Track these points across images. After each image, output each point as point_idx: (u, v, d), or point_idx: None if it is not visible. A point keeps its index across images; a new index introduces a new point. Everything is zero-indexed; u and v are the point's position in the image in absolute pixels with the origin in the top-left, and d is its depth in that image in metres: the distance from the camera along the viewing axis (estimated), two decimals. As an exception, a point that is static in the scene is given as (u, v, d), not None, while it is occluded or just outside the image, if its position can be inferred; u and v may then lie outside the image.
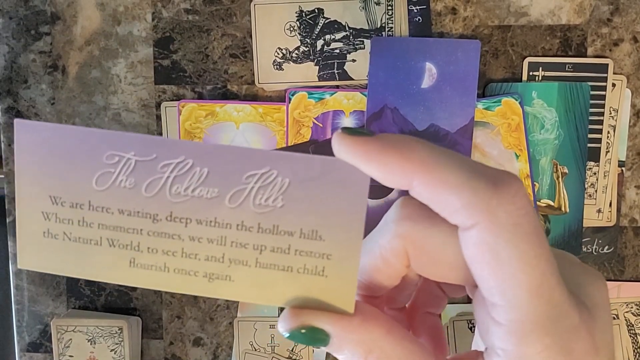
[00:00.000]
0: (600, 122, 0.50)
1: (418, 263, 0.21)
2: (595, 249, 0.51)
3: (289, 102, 0.50)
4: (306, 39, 0.51)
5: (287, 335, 0.20)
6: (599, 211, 0.51)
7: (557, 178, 0.50)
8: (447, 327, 0.51)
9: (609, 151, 0.50)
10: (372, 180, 0.20)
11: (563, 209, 0.50)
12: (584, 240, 0.51)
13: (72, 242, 0.21)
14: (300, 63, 0.51)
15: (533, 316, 0.18)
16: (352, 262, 0.20)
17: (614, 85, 0.49)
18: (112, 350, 0.53)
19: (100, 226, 0.20)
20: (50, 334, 0.54)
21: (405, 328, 0.25)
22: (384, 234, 0.21)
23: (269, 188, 0.20)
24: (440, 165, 0.18)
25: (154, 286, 0.21)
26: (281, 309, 0.50)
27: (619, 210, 0.51)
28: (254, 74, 0.51)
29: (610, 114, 0.50)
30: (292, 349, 0.54)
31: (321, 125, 0.50)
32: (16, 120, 0.20)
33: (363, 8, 0.50)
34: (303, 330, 0.20)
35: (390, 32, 0.50)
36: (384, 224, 0.21)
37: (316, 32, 0.51)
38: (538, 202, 0.50)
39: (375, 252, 0.21)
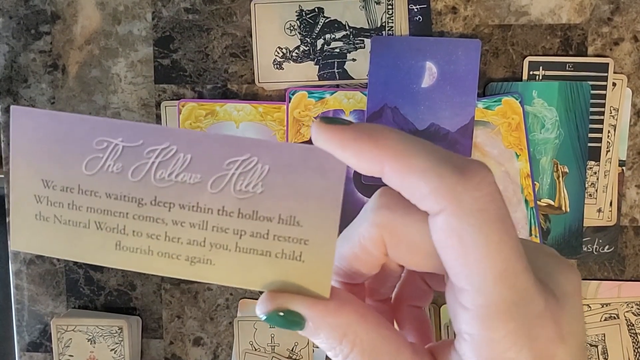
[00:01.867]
0: (601, 122, 0.50)
1: (395, 251, 0.21)
2: (596, 248, 0.51)
3: (289, 102, 0.50)
4: (306, 38, 0.51)
5: (265, 317, 0.20)
6: (599, 211, 0.50)
7: (558, 177, 0.50)
8: (447, 326, 0.51)
9: (609, 150, 0.50)
10: (374, 179, 0.20)
11: (563, 208, 0.50)
12: (584, 239, 0.51)
13: (62, 225, 0.21)
14: (300, 62, 0.51)
15: (497, 301, 0.18)
16: (329, 248, 0.20)
17: (614, 84, 0.49)
18: (112, 350, 0.53)
19: (89, 209, 0.21)
20: (50, 333, 0.54)
21: (389, 319, 0.25)
22: (363, 223, 0.21)
23: (249, 174, 0.20)
24: (410, 152, 0.19)
25: (139, 268, 0.21)
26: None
27: (619, 209, 0.51)
28: (254, 73, 0.51)
29: (611, 113, 0.50)
30: (292, 348, 0.54)
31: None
32: (12, 107, 0.21)
33: (363, 7, 0.50)
34: (280, 314, 0.20)
35: (390, 32, 0.50)
36: (363, 213, 0.22)
37: (316, 32, 0.51)
38: (538, 202, 0.50)
39: (354, 240, 0.22)
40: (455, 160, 0.19)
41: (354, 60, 0.50)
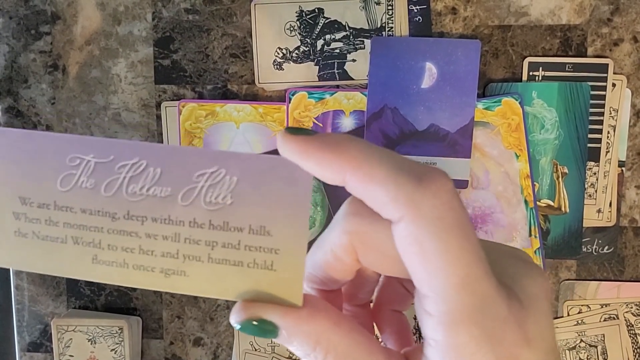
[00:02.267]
0: (601, 122, 0.50)
1: (365, 257, 0.21)
2: (595, 249, 0.51)
3: (289, 102, 0.50)
4: (306, 39, 0.51)
5: (239, 327, 0.21)
6: (599, 211, 0.51)
7: (557, 178, 0.50)
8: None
9: (609, 151, 0.50)
10: None
11: (563, 209, 0.50)
12: (584, 240, 0.51)
13: (40, 241, 0.22)
14: (300, 63, 0.51)
15: (460, 307, 0.19)
16: (299, 256, 0.20)
17: (614, 85, 0.49)
18: (112, 350, 0.53)
19: (65, 225, 0.21)
20: (51, 333, 0.54)
21: (369, 324, 0.26)
22: (334, 230, 0.22)
23: (218, 186, 0.21)
24: (370, 161, 0.19)
25: (116, 281, 0.22)
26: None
27: (619, 210, 0.51)
28: (254, 74, 0.51)
29: (610, 114, 0.50)
30: (292, 348, 0.54)
31: (321, 125, 0.51)
32: None
33: (363, 8, 0.50)
34: (254, 323, 0.20)
35: (390, 32, 0.50)
36: (334, 221, 0.22)
37: (316, 32, 0.51)
38: (538, 202, 0.50)
39: (326, 248, 0.22)
40: (414, 168, 0.19)
41: (354, 60, 0.50)
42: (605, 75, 0.49)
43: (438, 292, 0.19)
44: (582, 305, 0.51)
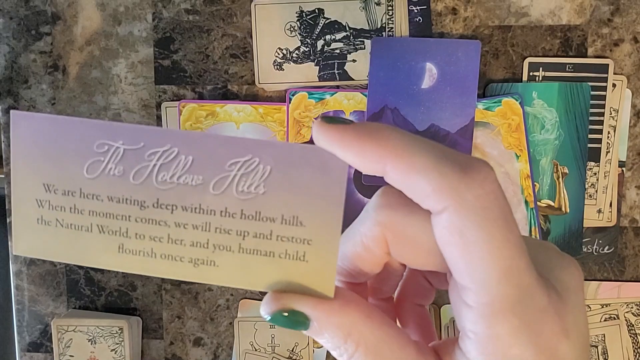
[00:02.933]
0: (601, 123, 0.50)
1: (397, 250, 0.21)
2: (596, 249, 0.51)
3: (290, 103, 0.50)
4: (306, 39, 0.51)
5: (269, 318, 0.20)
6: (599, 211, 0.51)
7: (558, 178, 0.50)
8: (448, 326, 0.51)
9: (609, 151, 0.50)
10: (374, 179, 0.20)
11: (563, 209, 0.50)
12: (584, 240, 0.51)
13: (64, 229, 0.21)
14: (300, 63, 0.51)
15: (501, 298, 0.18)
16: (332, 247, 0.20)
17: (614, 85, 0.49)
18: (112, 350, 0.53)
19: (91, 213, 0.21)
20: (51, 334, 0.54)
21: (392, 318, 0.25)
22: (365, 222, 0.21)
23: (251, 175, 0.20)
24: (412, 151, 0.19)
25: (142, 271, 0.21)
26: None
27: (619, 210, 0.51)
28: (254, 74, 0.51)
29: (611, 114, 0.50)
30: (293, 349, 0.54)
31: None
32: (12, 111, 0.21)
33: (363, 8, 0.50)
34: (285, 314, 0.20)
35: (390, 33, 0.50)
36: (365, 212, 0.22)
37: (316, 32, 0.51)
38: (539, 202, 0.50)
39: (356, 240, 0.22)
40: (457, 158, 0.19)
41: (354, 61, 0.50)
42: (606, 75, 0.49)
43: (479, 283, 0.19)
44: (584, 300, 0.51)
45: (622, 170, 0.50)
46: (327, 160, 0.20)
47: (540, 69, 0.49)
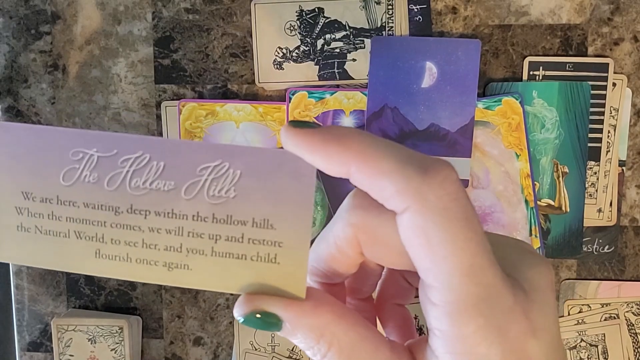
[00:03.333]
0: (601, 122, 0.50)
1: (369, 250, 0.21)
2: (596, 248, 0.51)
3: (289, 102, 0.50)
4: (306, 39, 0.51)
5: (242, 320, 0.21)
6: (599, 211, 0.50)
7: (558, 177, 0.50)
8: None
9: (609, 151, 0.50)
10: None
11: (563, 208, 0.50)
12: (584, 239, 0.51)
13: (43, 235, 0.22)
14: (300, 62, 0.51)
15: (465, 297, 0.19)
16: (302, 249, 0.20)
17: (614, 84, 0.49)
18: (112, 350, 0.53)
19: (68, 219, 0.21)
20: (51, 333, 0.54)
21: (372, 318, 0.26)
22: (338, 223, 0.22)
23: (221, 180, 0.21)
24: (375, 154, 0.19)
25: (119, 276, 0.22)
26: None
27: (619, 209, 0.51)
28: (254, 74, 0.51)
29: (611, 113, 0.50)
30: (293, 348, 0.54)
31: (321, 124, 0.50)
32: None
33: (363, 7, 0.50)
34: (257, 315, 0.20)
35: (390, 32, 0.50)
36: (338, 213, 0.22)
37: (316, 32, 0.51)
38: (539, 202, 0.50)
39: (330, 241, 0.22)
40: (419, 159, 0.19)
41: (354, 60, 0.50)
42: (606, 74, 0.49)
43: (443, 282, 0.19)
44: (582, 305, 0.51)
45: (622, 170, 0.50)
46: (297, 163, 0.20)
47: (541, 68, 0.49)
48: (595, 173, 0.50)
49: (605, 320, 0.51)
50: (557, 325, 0.20)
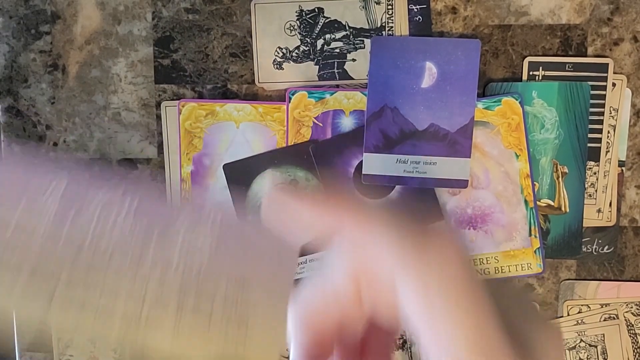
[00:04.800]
0: (601, 122, 0.50)
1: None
2: (595, 248, 0.51)
3: (289, 102, 0.50)
4: (306, 39, 0.51)
5: None
6: (599, 211, 0.50)
7: (557, 178, 0.50)
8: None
9: (609, 151, 0.50)
10: (374, 179, 0.20)
11: (563, 208, 0.50)
12: (584, 240, 0.51)
13: None
14: (300, 62, 0.51)
15: None
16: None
17: (614, 84, 0.49)
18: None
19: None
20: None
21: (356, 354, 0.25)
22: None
23: (195, 239, 0.19)
24: (372, 220, 0.20)
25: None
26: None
27: (619, 210, 0.51)
28: (254, 74, 0.51)
29: (611, 113, 0.50)
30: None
31: (321, 124, 0.50)
32: None
33: (363, 7, 0.50)
34: None
35: (390, 32, 0.50)
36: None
37: (316, 32, 0.51)
38: (538, 202, 0.50)
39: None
40: (416, 231, 0.20)
41: (353, 60, 0.50)
42: (606, 74, 0.49)
43: (448, 355, 0.18)
44: (582, 305, 0.51)
45: (622, 170, 0.50)
46: (278, 246, 0.19)
47: (540, 68, 0.49)
48: (595, 173, 0.50)
49: (604, 320, 0.51)
50: None
